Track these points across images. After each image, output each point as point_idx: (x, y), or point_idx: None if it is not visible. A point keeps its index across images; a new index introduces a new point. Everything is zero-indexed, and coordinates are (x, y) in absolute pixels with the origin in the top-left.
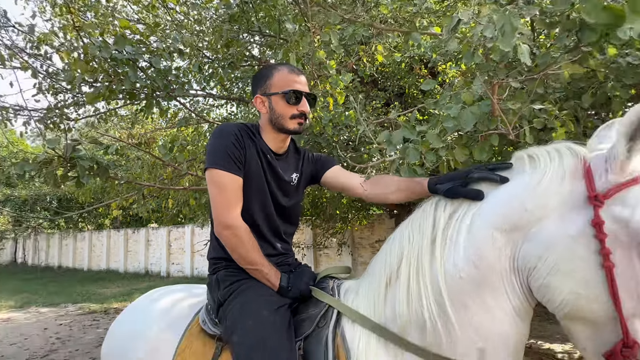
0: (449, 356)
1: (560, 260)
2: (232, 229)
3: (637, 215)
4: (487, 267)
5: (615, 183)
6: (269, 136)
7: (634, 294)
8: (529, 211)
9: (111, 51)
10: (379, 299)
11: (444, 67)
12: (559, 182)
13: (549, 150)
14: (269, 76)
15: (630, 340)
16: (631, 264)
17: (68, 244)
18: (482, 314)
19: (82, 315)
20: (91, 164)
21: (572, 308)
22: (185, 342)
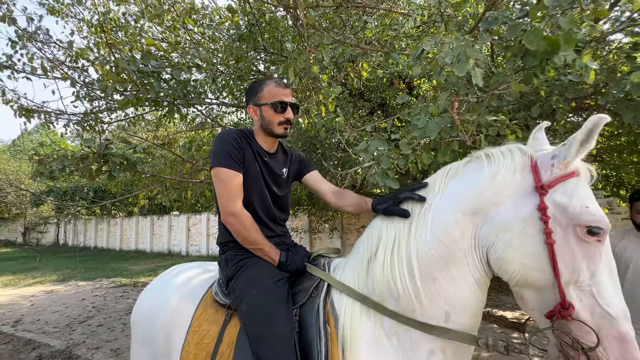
0: (420, 319)
1: (513, 238)
2: (236, 216)
3: (573, 201)
4: (453, 244)
5: (558, 175)
6: (261, 139)
7: (570, 265)
8: (487, 198)
9: (138, 65)
10: (362, 274)
11: (418, 82)
12: (511, 174)
13: (502, 150)
14: (260, 89)
15: (566, 303)
16: (568, 241)
17: (103, 228)
18: (448, 284)
19: (114, 287)
20: (121, 160)
21: (522, 277)
22: (200, 309)
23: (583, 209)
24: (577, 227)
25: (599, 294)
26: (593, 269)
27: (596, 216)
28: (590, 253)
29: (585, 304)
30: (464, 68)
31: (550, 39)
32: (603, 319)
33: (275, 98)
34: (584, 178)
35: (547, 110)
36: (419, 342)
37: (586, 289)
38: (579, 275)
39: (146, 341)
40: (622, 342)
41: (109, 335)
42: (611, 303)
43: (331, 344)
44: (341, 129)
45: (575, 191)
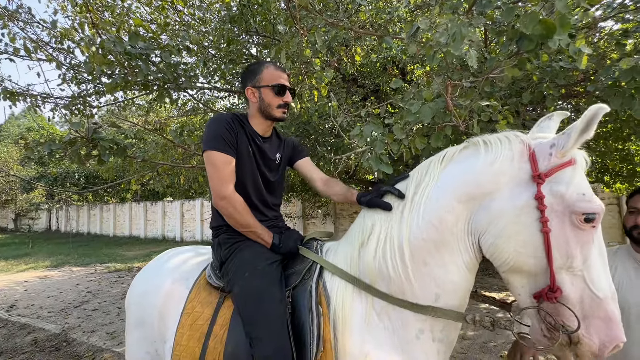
0: (411, 300)
1: (508, 226)
2: (228, 199)
3: (570, 190)
4: (446, 229)
5: (554, 165)
6: (256, 122)
7: (564, 252)
8: (483, 185)
9: (125, 46)
10: (354, 256)
11: (412, 67)
12: (509, 162)
13: (500, 137)
14: (259, 72)
15: (555, 286)
16: (563, 228)
17: (95, 214)
18: (439, 267)
19: (108, 273)
20: (111, 145)
21: (515, 263)
22: (194, 292)
23: (580, 197)
24: (573, 214)
25: (590, 278)
26: (586, 254)
27: (592, 203)
28: (584, 239)
29: (576, 287)
30: (459, 47)
31: (546, 22)
32: (592, 302)
33: (275, 81)
34: (579, 166)
35: (538, 96)
36: (409, 321)
37: (578, 274)
38: (572, 261)
39: (140, 324)
40: (608, 322)
41: (104, 319)
42: (600, 286)
43: (323, 324)
44: (334, 114)
45: (572, 179)
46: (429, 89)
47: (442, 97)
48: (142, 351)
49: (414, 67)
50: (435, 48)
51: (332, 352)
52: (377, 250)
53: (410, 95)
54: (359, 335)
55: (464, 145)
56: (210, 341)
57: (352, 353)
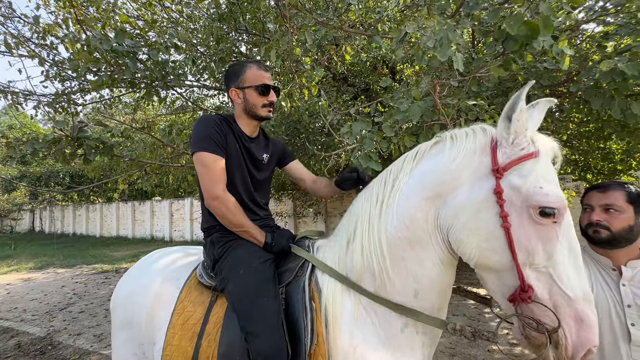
0: (391, 297)
1: (469, 221)
2: (220, 200)
3: (527, 183)
4: (417, 227)
5: (513, 157)
6: (243, 123)
7: (525, 248)
8: (447, 182)
9: (111, 43)
10: (341, 254)
11: (401, 67)
12: (470, 157)
13: (467, 131)
14: (241, 72)
15: (525, 285)
16: (523, 223)
17: (81, 214)
18: (416, 264)
19: (95, 274)
20: (97, 144)
21: (479, 259)
22: (185, 292)
23: (536, 190)
24: (530, 208)
25: (557, 275)
26: (550, 251)
27: (549, 197)
28: (545, 235)
29: (543, 284)
30: (446, 52)
31: (531, 24)
32: (561, 300)
33: (259, 81)
34: (544, 158)
35: None
36: (393, 316)
37: (543, 271)
38: (534, 257)
39: (127, 325)
40: (580, 323)
41: (91, 321)
42: (570, 284)
43: (316, 319)
44: (324, 113)
45: (531, 172)
46: (417, 88)
47: (430, 96)
48: (129, 353)
49: (404, 66)
50: (423, 49)
51: (325, 345)
52: (362, 247)
53: (400, 94)
54: (348, 329)
55: (434, 140)
56: (203, 340)
57: (342, 347)
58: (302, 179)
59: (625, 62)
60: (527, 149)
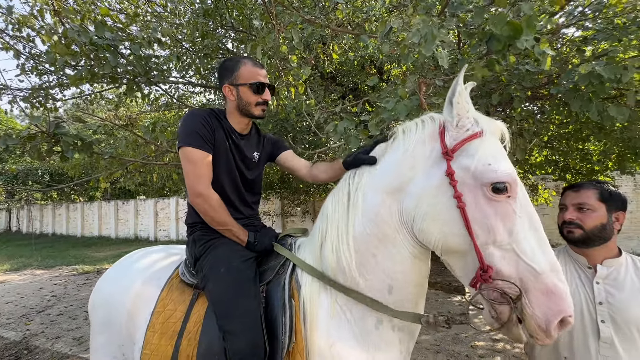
0: (366, 293)
1: (429, 207)
2: (204, 197)
3: (475, 162)
4: (383, 223)
5: (459, 139)
6: (234, 120)
7: (484, 226)
8: (404, 174)
9: (91, 36)
10: (317, 253)
11: (389, 67)
12: (421, 145)
13: (417, 121)
14: (236, 69)
15: (485, 265)
16: (478, 201)
17: (61, 213)
18: (387, 259)
19: (76, 275)
20: (75, 140)
21: (443, 244)
22: (165, 291)
23: (485, 167)
24: (483, 186)
25: (521, 250)
26: (510, 227)
27: (498, 172)
28: (502, 211)
29: (508, 261)
30: (430, 48)
31: (514, 24)
32: (529, 274)
33: (254, 79)
34: (489, 137)
35: (506, 98)
36: (366, 314)
37: (507, 247)
38: (495, 235)
39: (106, 327)
40: (550, 295)
41: (70, 324)
42: (536, 258)
43: (296, 316)
44: (310, 112)
45: (478, 151)
46: (404, 87)
47: (416, 95)
48: (109, 356)
49: (391, 66)
50: (409, 47)
51: (303, 343)
52: (332, 245)
53: (386, 93)
54: (325, 327)
55: (392, 137)
56: (183, 339)
57: (319, 344)
58: (298, 169)
59: (603, 66)
60: (471, 129)
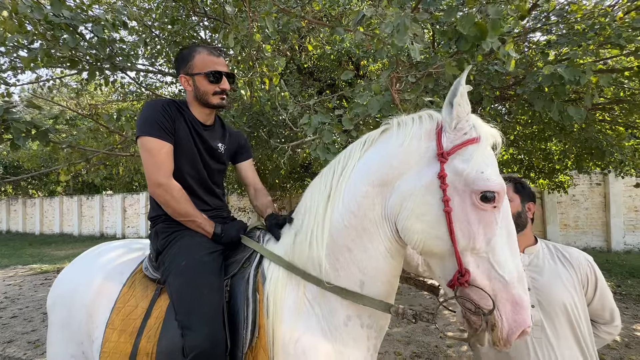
0: (339, 285)
1: (415, 206)
2: (164, 187)
3: (469, 168)
4: (364, 216)
5: (457, 142)
6: (196, 110)
7: (467, 232)
8: (394, 167)
9: (45, 13)
10: (290, 244)
11: (365, 62)
12: (417, 142)
13: (413, 117)
14: (190, 58)
15: (463, 269)
16: (465, 208)
17: (17, 209)
18: (362, 253)
19: (33, 275)
20: (28, 127)
21: (425, 245)
22: (127, 286)
23: (478, 175)
24: (472, 193)
25: (495, 260)
26: (489, 236)
27: (490, 181)
28: (486, 220)
29: (482, 269)
30: (402, 38)
31: (480, 25)
32: (499, 283)
33: (208, 68)
34: (485, 144)
35: (476, 97)
36: (337, 307)
37: (483, 255)
38: (474, 242)
39: (65, 325)
40: (515, 305)
41: (25, 327)
42: (506, 268)
43: (259, 310)
44: (285, 105)
45: (473, 157)
46: (378, 82)
47: (389, 91)
48: (67, 354)
49: (367, 62)
50: (383, 40)
51: (266, 338)
52: (306, 236)
53: (360, 88)
54: (290, 321)
55: (383, 127)
56: (142, 336)
57: (283, 339)
58: (247, 184)
59: (564, 68)
60: (469, 133)
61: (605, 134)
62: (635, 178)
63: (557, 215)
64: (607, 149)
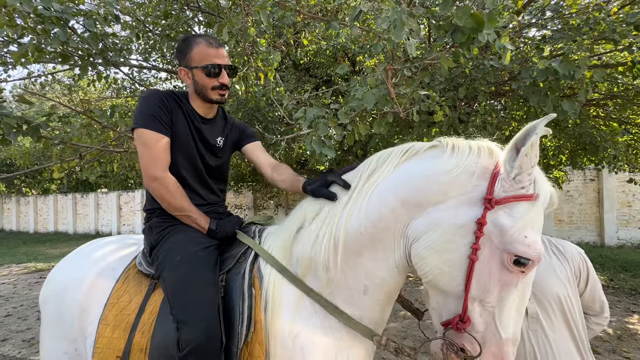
0: (336, 295)
1: (439, 240)
2: (159, 180)
3: (515, 227)
4: (385, 228)
5: (510, 194)
6: (196, 103)
7: (483, 285)
8: (432, 192)
9: (35, 6)
10: (287, 242)
11: (361, 57)
12: (468, 176)
13: (471, 145)
14: (188, 50)
15: (465, 317)
16: (492, 262)
17: (10, 207)
18: (372, 262)
19: (27, 274)
20: (19, 122)
21: (434, 279)
22: (121, 281)
23: (520, 238)
24: (505, 253)
25: (499, 316)
26: (503, 295)
27: (530, 248)
28: (507, 280)
29: (483, 320)
30: (399, 34)
31: (476, 16)
32: (492, 337)
33: (207, 60)
34: (539, 205)
35: (472, 92)
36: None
37: (489, 309)
38: (487, 296)
39: (58, 321)
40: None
41: (20, 325)
42: (506, 327)
43: (255, 306)
44: (280, 99)
45: (523, 217)
46: (373, 76)
47: (384, 85)
48: (60, 351)
49: (363, 57)
50: (379, 35)
51: (263, 333)
52: (317, 235)
53: (356, 82)
54: (289, 317)
55: (433, 143)
56: (136, 332)
57: (282, 334)
58: (261, 164)
59: (558, 63)
60: (527, 188)
61: (599, 130)
62: (628, 173)
63: (552, 211)
64: (601, 144)
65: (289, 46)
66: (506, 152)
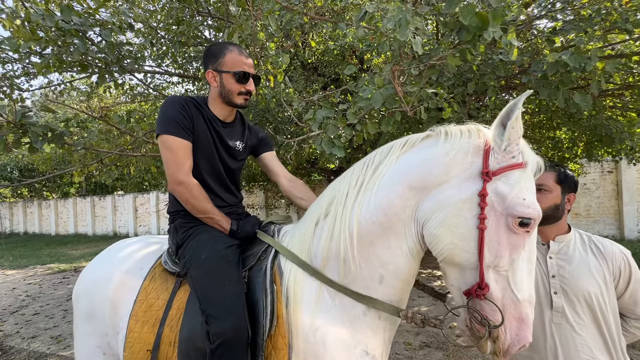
0: (355, 284)
1: (448, 217)
2: (184, 185)
3: (512, 193)
4: (394, 215)
5: (503, 164)
6: (217, 107)
7: (495, 251)
8: (434, 175)
9: (56, 20)
10: (308, 237)
11: (369, 56)
12: (463, 155)
13: (462, 129)
14: (221, 55)
15: (483, 284)
16: (498, 228)
17: (33, 211)
18: (385, 250)
19: (51, 274)
20: (44, 131)
21: (449, 255)
22: (148, 279)
23: (519, 201)
24: (509, 217)
25: (513, 279)
26: (514, 257)
27: (530, 208)
28: (515, 242)
29: (499, 285)
30: (404, 33)
31: (481, 15)
32: (510, 301)
33: (238, 67)
34: (529, 170)
35: (481, 87)
36: (355, 301)
37: (503, 274)
38: (499, 261)
39: (90, 317)
40: (521, 322)
41: (47, 323)
42: (521, 288)
43: (277, 301)
44: (290, 100)
45: (518, 182)
46: (380, 75)
47: (392, 84)
48: (92, 345)
49: (371, 55)
50: (385, 34)
51: (285, 327)
52: (333, 228)
53: (364, 81)
54: (310, 311)
55: (427, 133)
56: (165, 326)
57: (303, 328)
58: (276, 174)
59: (569, 56)
60: (517, 157)
61: (615, 121)
62: None
63: None
64: (617, 135)
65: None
66: (493, 129)
